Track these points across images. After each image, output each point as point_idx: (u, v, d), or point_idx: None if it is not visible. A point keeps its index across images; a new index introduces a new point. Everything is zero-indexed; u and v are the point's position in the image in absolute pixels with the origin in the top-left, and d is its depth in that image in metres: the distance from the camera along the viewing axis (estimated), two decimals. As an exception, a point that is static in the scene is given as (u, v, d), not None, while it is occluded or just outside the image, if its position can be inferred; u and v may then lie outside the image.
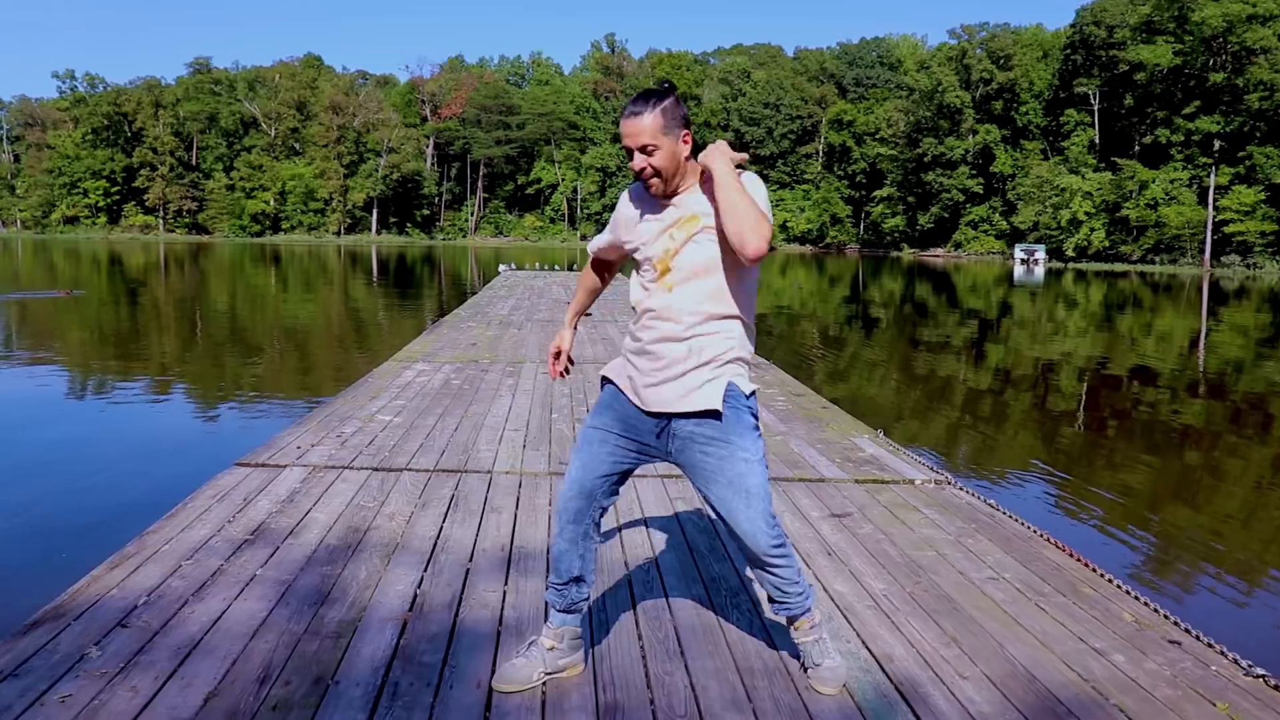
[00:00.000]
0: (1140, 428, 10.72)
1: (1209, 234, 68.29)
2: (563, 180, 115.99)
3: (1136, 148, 76.94)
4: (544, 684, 2.99)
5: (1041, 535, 4.68)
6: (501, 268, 34.76)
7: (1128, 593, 3.95)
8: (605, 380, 3.10)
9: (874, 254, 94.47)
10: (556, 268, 38.00)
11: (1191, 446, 9.72)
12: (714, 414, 2.87)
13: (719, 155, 2.82)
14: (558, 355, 3.27)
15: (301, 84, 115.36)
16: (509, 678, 2.97)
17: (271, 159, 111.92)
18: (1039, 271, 62.56)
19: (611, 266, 3.35)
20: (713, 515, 4.75)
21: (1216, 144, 70.49)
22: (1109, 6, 79.25)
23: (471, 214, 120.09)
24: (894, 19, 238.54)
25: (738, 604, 3.69)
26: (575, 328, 3.36)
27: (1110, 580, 4.08)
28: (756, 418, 2.99)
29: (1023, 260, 75.67)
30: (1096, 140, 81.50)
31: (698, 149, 2.93)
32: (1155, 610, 3.76)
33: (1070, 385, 13.64)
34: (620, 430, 2.99)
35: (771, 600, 3.09)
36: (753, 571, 3.07)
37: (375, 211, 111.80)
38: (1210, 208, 68.59)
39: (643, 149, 2.77)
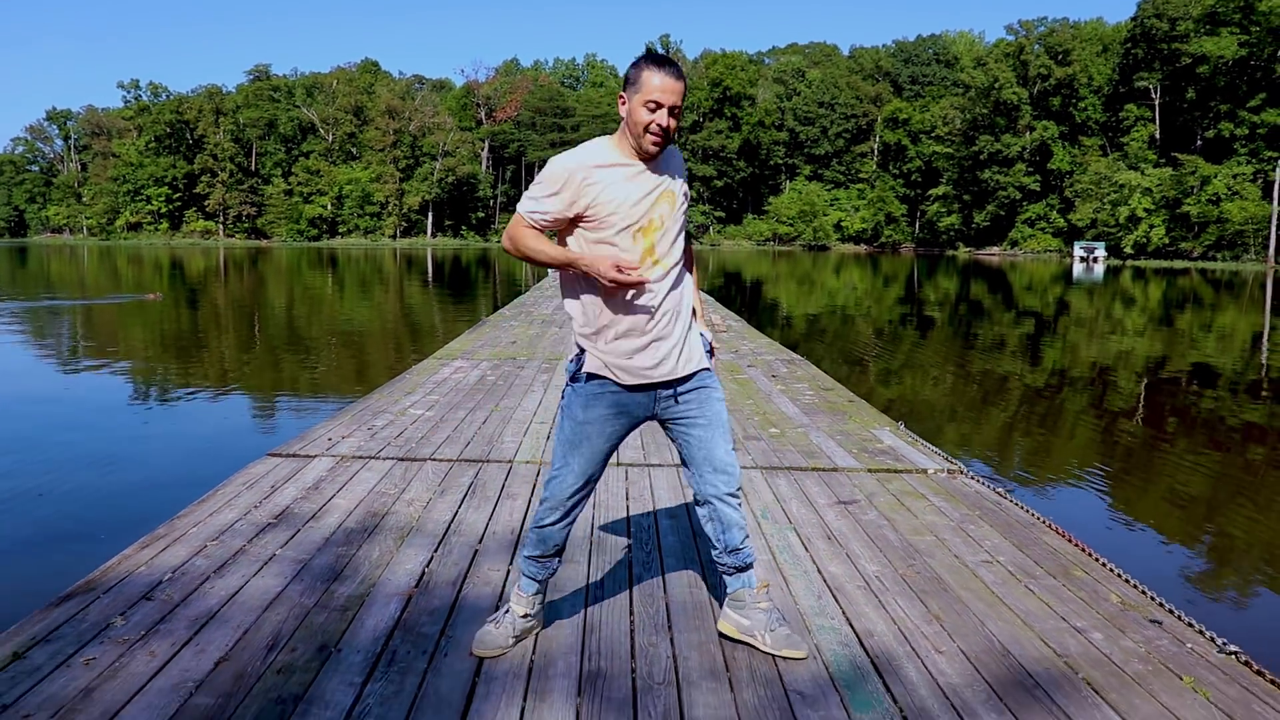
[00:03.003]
0: (1183, 426, 10.64)
1: (1273, 229, 66.74)
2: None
3: (1198, 142, 75.55)
4: (532, 648, 3.18)
5: (1044, 522, 4.76)
6: (551, 270, 35.03)
7: (1118, 575, 4.02)
8: None
9: (929, 253, 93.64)
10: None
11: (1231, 445, 9.65)
12: None
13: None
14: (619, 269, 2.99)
15: (358, 89, 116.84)
16: (486, 642, 3.17)
17: (328, 164, 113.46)
18: (1098, 269, 61.55)
19: None
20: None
21: (1283, 137, 69.02)
22: (1171, -1, 77.90)
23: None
24: (950, 16, 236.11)
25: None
26: None
27: (1103, 564, 4.16)
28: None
29: (1082, 258, 74.51)
30: (1157, 135, 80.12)
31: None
32: (1142, 592, 3.83)
33: (1119, 384, 13.53)
34: None
35: (732, 549, 3.23)
36: (721, 513, 3.20)
37: (430, 215, 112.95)
38: (1275, 202, 67.02)
39: (672, 110, 2.91)
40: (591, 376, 3.12)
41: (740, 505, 3.25)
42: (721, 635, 3.31)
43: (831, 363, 13.96)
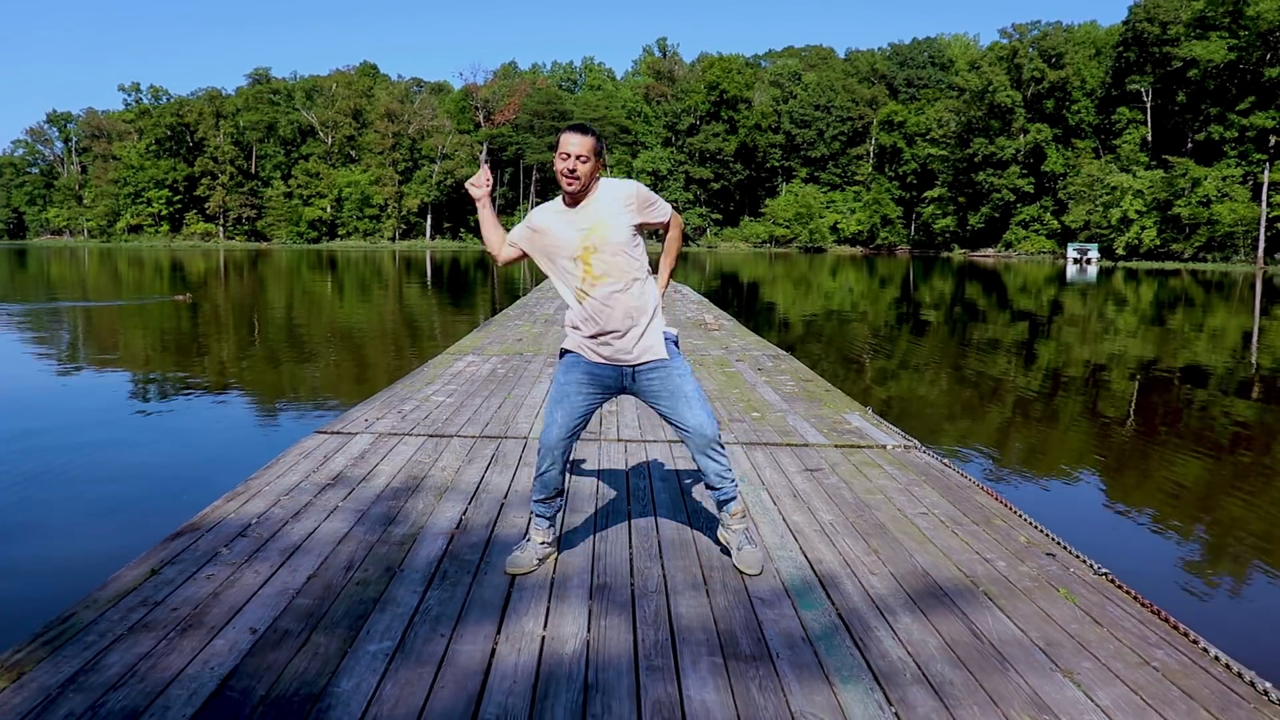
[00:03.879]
0: (1123, 414, 11.54)
1: (1262, 231, 67.91)
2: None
3: (1189, 144, 76.62)
4: (553, 570, 4.06)
5: (978, 485, 5.64)
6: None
7: (1029, 522, 4.91)
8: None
9: (924, 255, 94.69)
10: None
11: (1155, 428, 10.54)
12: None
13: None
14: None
15: (357, 92, 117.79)
16: (516, 563, 4.08)
17: (328, 166, 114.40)
18: (1092, 271, 62.44)
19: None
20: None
21: (1272, 140, 70.03)
22: (1162, 2, 78.86)
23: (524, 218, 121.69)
24: (945, 19, 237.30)
25: (710, 527, 4.70)
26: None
27: (1019, 515, 5.04)
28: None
29: (1075, 260, 75.49)
30: (1149, 138, 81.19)
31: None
32: (1045, 533, 4.72)
33: (1079, 380, 14.42)
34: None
35: (710, 487, 4.18)
36: (700, 463, 4.12)
37: (429, 217, 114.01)
38: (1264, 204, 68.21)
39: (579, 158, 3.88)
40: (567, 352, 4.16)
41: (718, 455, 4.11)
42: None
43: (828, 363, 14.88)
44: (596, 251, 3.94)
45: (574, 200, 3.97)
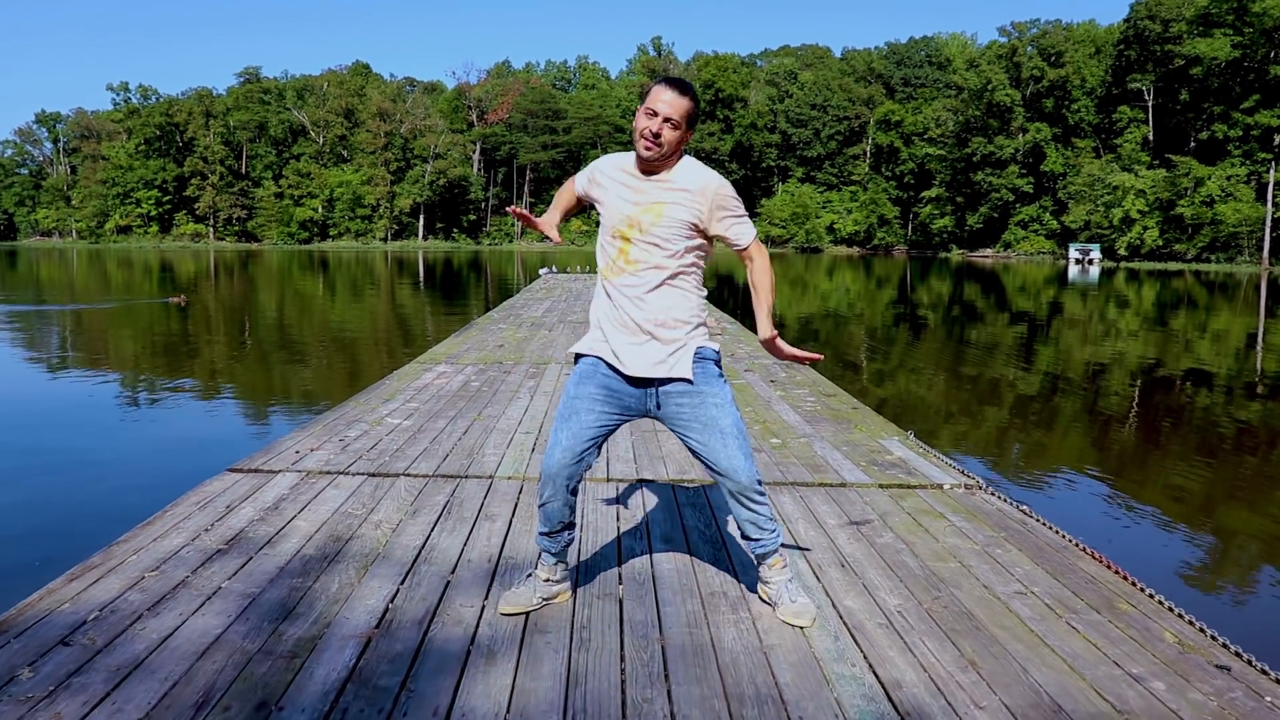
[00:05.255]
0: (1193, 430, 10.21)
1: (1267, 231, 66.57)
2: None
3: (1192, 144, 75.33)
4: (506, 705, 2.72)
5: (1077, 545, 4.31)
6: (542, 271, 34.63)
7: (1170, 610, 3.57)
8: None
9: (922, 255, 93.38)
10: (599, 271, 37.68)
11: (1251, 451, 9.21)
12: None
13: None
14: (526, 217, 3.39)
15: (349, 92, 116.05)
16: (512, 601, 3.37)
17: (319, 166, 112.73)
18: (1094, 271, 61.12)
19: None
20: (720, 525, 4.48)
21: (1277, 139, 68.74)
22: (1164, 0, 77.64)
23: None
24: (943, 18, 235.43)
25: (737, 620, 3.37)
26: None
27: (1151, 596, 3.71)
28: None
29: (1078, 260, 74.19)
30: (1150, 137, 79.91)
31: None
32: (1201, 630, 3.39)
33: (1118, 387, 13.13)
34: None
35: (746, 537, 3.42)
36: (733, 508, 3.36)
37: (422, 217, 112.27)
38: (1269, 204, 66.94)
39: (668, 120, 3.11)
40: (582, 356, 3.37)
41: (754, 503, 3.33)
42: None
43: (826, 368, 13.54)
44: (642, 232, 3.21)
45: (647, 168, 3.22)
